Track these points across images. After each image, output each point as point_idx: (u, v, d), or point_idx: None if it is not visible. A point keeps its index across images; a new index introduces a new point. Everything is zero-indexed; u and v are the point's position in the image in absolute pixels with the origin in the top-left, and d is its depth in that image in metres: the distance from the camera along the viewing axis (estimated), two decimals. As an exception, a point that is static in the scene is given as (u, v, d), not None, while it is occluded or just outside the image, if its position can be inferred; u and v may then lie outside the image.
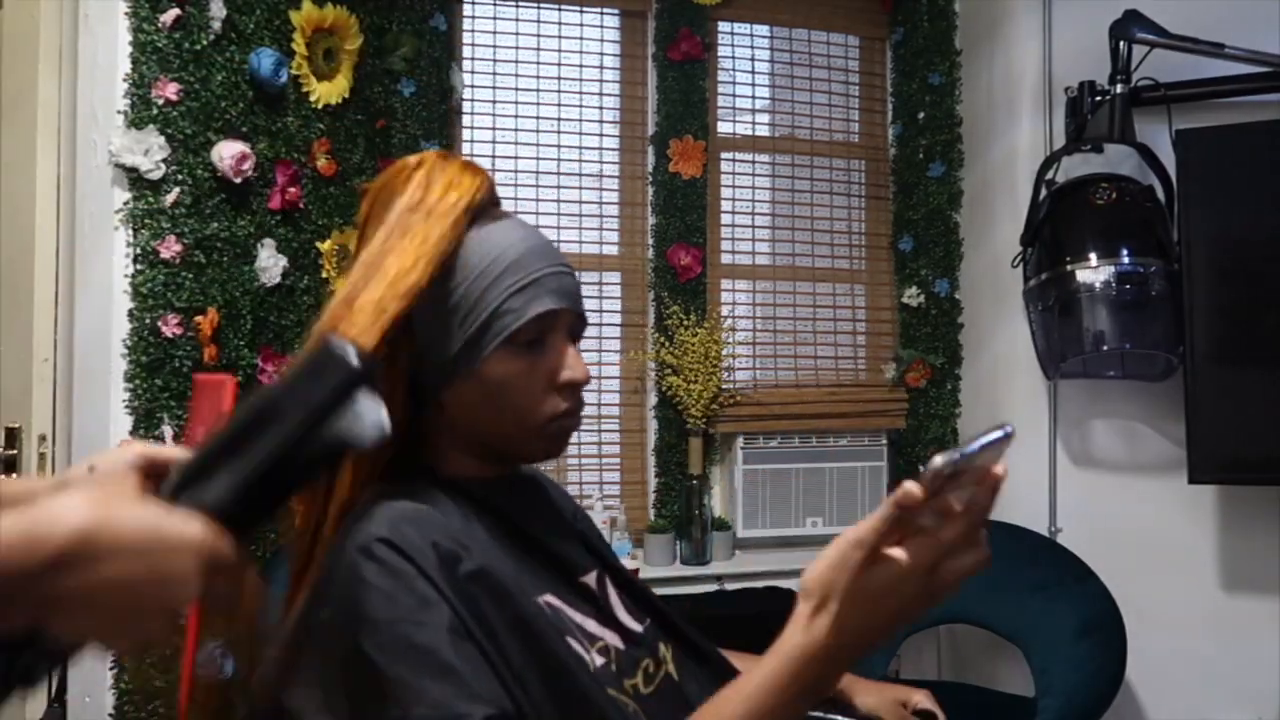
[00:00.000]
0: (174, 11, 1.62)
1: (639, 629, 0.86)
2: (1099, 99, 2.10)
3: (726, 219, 2.62)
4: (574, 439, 0.89)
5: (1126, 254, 2.02)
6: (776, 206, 2.69)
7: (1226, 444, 1.95)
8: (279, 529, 0.93)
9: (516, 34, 2.49)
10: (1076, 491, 2.26)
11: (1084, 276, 2.03)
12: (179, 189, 1.63)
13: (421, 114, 2.30)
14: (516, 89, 2.49)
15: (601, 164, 2.55)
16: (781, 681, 0.62)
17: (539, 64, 2.51)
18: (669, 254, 2.49)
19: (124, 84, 1.61)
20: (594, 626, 0.82)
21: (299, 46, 1.87)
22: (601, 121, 2.55)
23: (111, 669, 1.58)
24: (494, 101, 2.47)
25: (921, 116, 2.65)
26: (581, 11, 2.54)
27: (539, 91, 2.50)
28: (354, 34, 2.02)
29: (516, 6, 2.49)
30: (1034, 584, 2.04)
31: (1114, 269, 2.01)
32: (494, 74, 2.48)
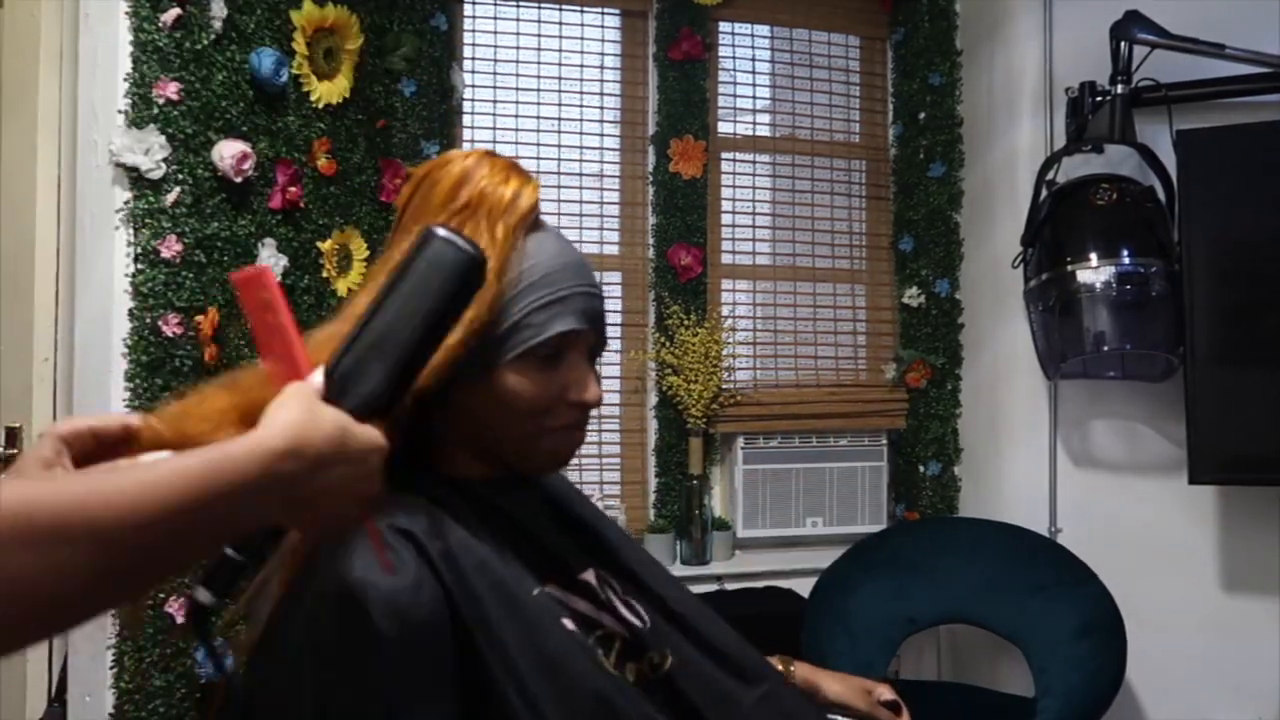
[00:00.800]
0: (174, 11, 1.62)
1: (640, 624, 0.86)
2: (1099, 99, 2.10)
3: (727, 219, 2.62)
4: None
5: (1127, 254, 2.02)
6: (777, 206, 2.68)
7: (1227, 444, 1.95)
8: None
9: (517, 34, 2.49)
10: (1076, 492, 2.26)
11: (1084, 277, 2.03)
12: (179, 188, 1.63)
13: (422, 114, 2.30)
14: (517, 89, 2.49)
15: (602, 164, 2.55)
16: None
17: (539, 64, 2.51)
18: (669, 254, 2.49)
19: (124, 83, 1.60)
20: (591, 613, 0.83)
21: (299, 46, 1.87)
22: (602, 121, 2.55)
23: (111, 669, 1.58)
24: (494, 101, 2.47)
25: (922, 116, 2.65)
26: (582, 11, 2.54)
27: (539, 91, 2.50)
28: (355, 34, 2.02)
29: (517, 6, 2.49)
30: (1034, 584, 2.04)
31: (1114, 269, 2.02)
32: (495, 74, 2.48)
